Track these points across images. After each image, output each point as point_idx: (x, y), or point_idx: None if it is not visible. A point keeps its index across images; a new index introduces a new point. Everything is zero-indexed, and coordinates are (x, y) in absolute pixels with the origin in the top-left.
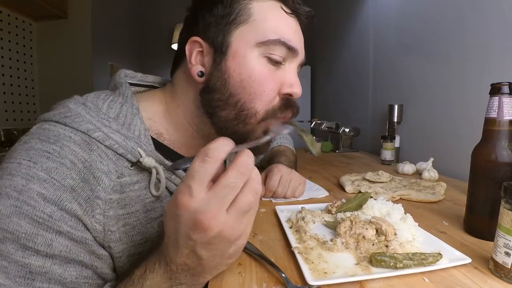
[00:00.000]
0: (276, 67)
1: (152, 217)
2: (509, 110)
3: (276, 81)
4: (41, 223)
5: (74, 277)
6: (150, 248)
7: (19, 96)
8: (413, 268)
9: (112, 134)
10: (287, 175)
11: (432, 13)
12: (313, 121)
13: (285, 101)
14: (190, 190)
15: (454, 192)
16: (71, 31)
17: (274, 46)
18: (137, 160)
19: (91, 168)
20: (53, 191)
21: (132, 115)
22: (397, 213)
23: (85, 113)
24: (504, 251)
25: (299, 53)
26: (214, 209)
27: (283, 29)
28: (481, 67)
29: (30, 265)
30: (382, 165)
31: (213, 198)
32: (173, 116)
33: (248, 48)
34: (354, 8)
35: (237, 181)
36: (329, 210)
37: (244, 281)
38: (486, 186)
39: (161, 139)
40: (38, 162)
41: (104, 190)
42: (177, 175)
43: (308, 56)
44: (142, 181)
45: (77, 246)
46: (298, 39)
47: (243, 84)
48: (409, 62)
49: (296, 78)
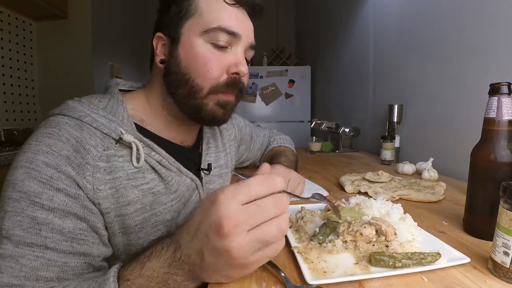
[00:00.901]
0: (222, 51)
1: (133, 184)
2: (508, 110)
3: (221, 63)
4: (45, 183)
5: (72, 228)
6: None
7: (19, 96)
8: (412, 267)
9: (99, 118)
10: (286, 175)
11: (432, 13)
12: (313, 121)
13: (230, 80)
14: (233, 196)
15: (453, 192)
16: (71, 31)
17: (216, 33)
18: (119, 138)
19: (82, 142)
20: (53, 159)
21: (117, 106)
22: (396, 213)
23: (79, 105)
24: (503, 250)
25: (242, 37)
26: (239, 220)
27: (224, 18)
28: (481, 67)
29: (37, 218)
30: (382, 165)
31: (243, 212)
32: (152, 104)
33: (194, 37)
34: (354, 8)
35: (269, 207)
36: (329, 210)
37: (243, 280)
38: (485, 186)
39: (143, 124)
40: (42, 141)
41: (93, 158)
42: (156, 152)
43: (308, 56)
44: (126, 156)
45: (72, 201)
46: (240, 24)
47: (191, 66)
48: (409, 62)
49: (241, 59)
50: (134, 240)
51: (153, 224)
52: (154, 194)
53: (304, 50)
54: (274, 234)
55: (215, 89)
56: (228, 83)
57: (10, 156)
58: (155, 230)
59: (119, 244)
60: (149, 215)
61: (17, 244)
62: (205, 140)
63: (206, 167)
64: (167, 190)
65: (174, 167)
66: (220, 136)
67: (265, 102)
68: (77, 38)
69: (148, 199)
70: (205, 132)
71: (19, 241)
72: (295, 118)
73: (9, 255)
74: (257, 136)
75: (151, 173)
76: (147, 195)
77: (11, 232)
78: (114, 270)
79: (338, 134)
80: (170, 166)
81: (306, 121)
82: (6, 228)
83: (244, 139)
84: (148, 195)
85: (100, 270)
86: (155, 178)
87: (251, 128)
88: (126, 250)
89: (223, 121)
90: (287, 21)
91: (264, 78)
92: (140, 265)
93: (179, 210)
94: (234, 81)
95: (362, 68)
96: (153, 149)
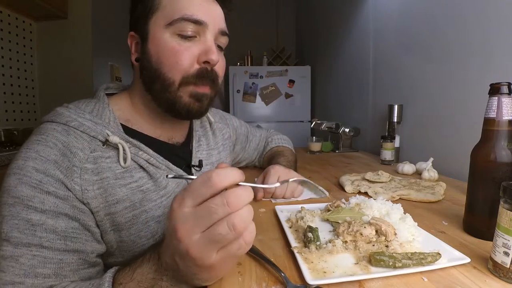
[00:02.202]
0: (190, 41)
1: (121, 183)
2: (508, 110)
3: (190, 53)
4: (35, 187)
5: (64, 227)
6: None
7: (19, 96)
8: (412, 267)
9: (85, 122)
10: (285, 176)
11: (432, 13)
12: (313, 121)
13: (200, 71)
14: (182, 201)
15: (453, 192)
16: (71, 31)
17: (180, 24)
18: (105, 139)
19: (68, 146)
20: (41, 164)
21: (103, 108)
22: (396, 213)
23: (66, 111)
24: (503, 250)
25: (208, 24)
26: (189, 224)
27: (186, 7)
28: (481, 67)
29: (32, 220)
30: (382, 165)
31: (193, 215)
32: (135, 103)
33: (160, 31)
34: (354, 8)
35: (218, 208)
36: (329, 210)
37: (243, 280)
38: (485, 186)
39: (129, 124)
40: (31, 147)
41: (79, 161)
42: (144, 151)
43: (308, 56)
44: (113, 157)
45: (62, 202)
46: (205, 11)
47: (161, 59)
48: (409, 62)
49: (211, 46)
50: (126, 236)
51: (144, 220)
52: (143, 192)
53: (304, 50)
54: (225, 232)
55: (186, 80)
56: (198, 74)
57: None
58: (146, 226)
59: (112, 241)
60: (139, 212)
61: (16, 245)
62: (196, 138)
63: (197, 163)
64: (156, 187)
65: (162, 165)
66: (213, 134)
67: (265, 102)
68: (77, 38)
69: (137, 197)
70: (195, 130)
71: (17, 242)
72: (295, 118)
73: (9, 256)
74: (253, 136)
75: (139, 171)
76: (136, 193)
77: (9, 234)
78: (109, 274)
79: (338, 134)
80: (159, 164)
81: (306, 121)
82: (4, 231)
83: (239, 139)
84: (137, 193)
85: (95, 266)
86: (144, 176)
87: (247, 128)
88: (119, 246)
89: (199, 114)
90: (287, 21)
91: (264, 78)
92: (132, 270)
93: (169, 206)
94: (205, 71)
95: (362, 68)
96: (140, 148)
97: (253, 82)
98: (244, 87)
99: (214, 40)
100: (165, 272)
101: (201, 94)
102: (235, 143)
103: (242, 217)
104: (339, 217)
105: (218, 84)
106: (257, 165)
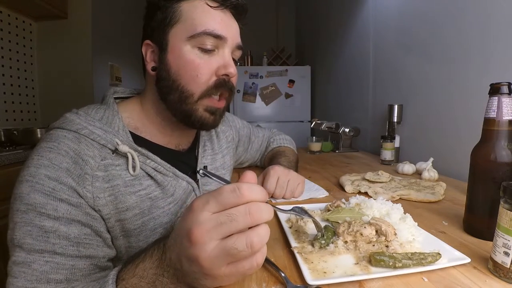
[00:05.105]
0: (209, 55)
1: (131, 191)
2: (508, 110)
3: (209, 66)
4: (48, 195)
5: (77, 234)
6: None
7: (19, 96)
8: (412, 267)
9: (95, 130)
10: (285, 176)
11: (432, 13)
12: (313, 121)
13: (219, 82)
14: (206, 203)
15: (453, 192)
16: (71, 31)
17: (202, 37)
18: (115, 148)
19: (80, 154)
20: (54, 172)
21: (113, 116)
22: (396, 213)
23: (77, 118)
24: (503, 251)
25: (228, 39)
26: (206, 228)
27: (208, 21)
28: (481, 67)
29: (45, 227)
30: (382, 165)
31: (212, 220)
32: (146, 111)
33: (181, 43)
34: (354, 8)
35: (239, 216)
36: (329, 210)
37: (243, 280)
38: (486, 186)
39: (138, 132)
40: (43, 155)
41: (91, 168)
42: (152, 159)
43: (308, 56)
44: (123, 164)
45: (75, 209)
46: (225, 27)
47: (180, 72)
48: (409, 62)
49: (229, 60)
50: (135, 242)
51: (152, 227)
52: (152, 199)
53: (304, 50)
54: (242, 248)
55: (206, 93)
56: (217, 84)
57: (10, 156)
58: (154, 233)
59: (121, 246)
60: (147, 219)
61: (29, 252)
62: (202, 143)
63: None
64: (164, 195)
65: (170, 172)
66: (217, 138)
67: (265, 102)
68: (77, 38)
69: (146, 204)
70: (202, 135)
71: (30, 248)
72: (295, 118)
73: (22, 262)
74: (255, 137)
75: (147, 179)
76: (144, 200)
77: (22, 241)
78: (113, 273)
79: (338, 134)
80: (166, 171)
81: (306, 121)
82: (17, 237)
83: (242, 141)
84: (146, 200)
85: (107, 270)
86: (152, 184)
87: (249, 129)
88: (127, 252)
89: (212, 126)
90: (287, 21)
91: (264, 78)
92: (134, 265)
93: (176, 213)
94: (223, 82)
95: (362, 68)
96: (148, 157)
97: (253, 82)
98: (244, 87)
99: (231, 54)
100: (167, 268)
101: (216, 108)
102: (238, 145)
103: (260, 236)
104: (339, 217)
105: (234, 94)
106: (259, 165)
